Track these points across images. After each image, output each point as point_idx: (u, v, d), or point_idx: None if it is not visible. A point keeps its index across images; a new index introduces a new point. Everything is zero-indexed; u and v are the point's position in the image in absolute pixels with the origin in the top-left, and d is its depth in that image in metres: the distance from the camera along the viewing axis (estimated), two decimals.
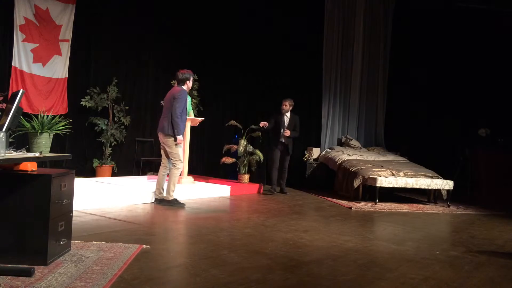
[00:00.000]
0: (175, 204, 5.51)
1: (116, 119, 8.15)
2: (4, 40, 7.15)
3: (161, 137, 5.54)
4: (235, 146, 7.88)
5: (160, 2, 8.43)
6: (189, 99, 7.16)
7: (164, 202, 5.55)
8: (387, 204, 6.65)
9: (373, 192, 6.66)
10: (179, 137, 5.41)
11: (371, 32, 9.36)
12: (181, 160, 5.53)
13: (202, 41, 8.64)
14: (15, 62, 7.16)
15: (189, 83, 5.63)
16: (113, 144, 8.05)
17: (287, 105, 7.30)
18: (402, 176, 6.73)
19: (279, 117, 7.33)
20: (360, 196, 6.99)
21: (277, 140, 7.33)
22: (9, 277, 2.52)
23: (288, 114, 7.37)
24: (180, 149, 5.52)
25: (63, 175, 2.96)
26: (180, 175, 6.68)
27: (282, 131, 7.23)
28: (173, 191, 5.54)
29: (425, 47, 9.20)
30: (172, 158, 5.47)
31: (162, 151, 5.67)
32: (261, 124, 7.14)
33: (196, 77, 8.20)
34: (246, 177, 7.72)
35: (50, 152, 4.20)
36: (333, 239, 4.10)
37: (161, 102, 8.01)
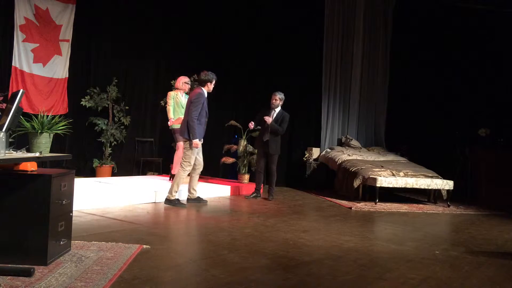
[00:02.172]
0: (176, 204, 5.54)
1: (116, 119, 8.16)
2: (4, 40, 7.16)
3: (182, 140, 5.71)
4: (235, 146, 7.88)
5: (160, 2, 8.43)
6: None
7: (165, 201, 5.58)
8: (387, 204, 6.65)
9: (373, 192, 6.66)
10: (194, 141, 5.41)
11: (371, 32, 9.36)
12: (190, 163, 5.55)
13: (202, 41, 8.64)
14: (15, 62, 7.17)
15: (211, 85, 5.61)
16: (113, 144, 8.06)
17: (277, 100, 6.54)
18: (402, 176, 6.73)
19: (266, 112, 6.61)
20: (360, 196, 6.98)
21: (260, 139, 6.68)
22: (9, 277, 2.52)
23: (278, 109, 6.59)
24: (194, 154, 5.55)
25: (63, 175, 2.96)
26: None
27: (266, 127, 6.49)
28: (176, 191, 5.57)
29: (425, 47, 9.20)
30: (183, 159, 5.55)
31: None
32: (249, 125, 6.50)
33: (196, 77, 8.20)
34: (246, 177, 7.72)
35: (50, 152, 4.21)
36: (333, 239, 4.10)
37: (161, 102, 8.06)
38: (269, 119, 6.46)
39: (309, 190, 8.03)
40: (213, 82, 5.62)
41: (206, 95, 5.57)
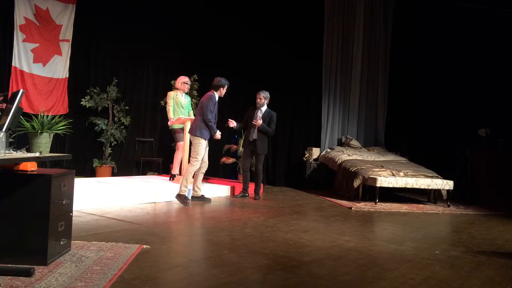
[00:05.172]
0: (183, 201, 5.65)
1: (116, 119, 8.16)
2: (4, 40, 7.16)
3: (191, 137, 5.88)
4: (235, 146, 7.88)
5: (160, 3, 8.43)
6: (188, 99, 7.18)
7: (176, 196, 5.71)
8: (387, 204, 6.65)
9: (373, 192, 6.66)
10: (216, 134, 5.83)
11: (371, 32, 9.36)
12: (198, 160, 5.71)
13: (202, 41, 8.64)
14: (15, 62, 7.17)
15: (223, 90, 5.92)
16: (113, 144, 8.06)
17: (262, 98, 6.55)
18: (402, 176, 6.73)
19: (253, 111, 6.61)
20: (360, 196, 6.98)
21: (247, 138, 6.67)
22: (9, 277, 2.52)
23: (263, 108, 6.59)
24: (202, 150, 5.74)
25: (63, 175, 2.96)
26: (181, 175, 6.71)
27: (252, 126, 6.52)
28: (186, 186, 5.68)
29: (425, 47, 9.19)
30: (192, 154, 5.76)
31: None
32: (229, 123, 6.42)
33: (196, 77, 8.21)
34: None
35: (50, 152, 4.22)
36: (333, 239, 4.10)
37: (161, 102, 8.06)
38: (258, 122, 6.45)
39: (309, 190, 8.03)
40: (225, 87, 5.94)
41: (217, 99, 5.87)
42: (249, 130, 6.63)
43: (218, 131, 5.86)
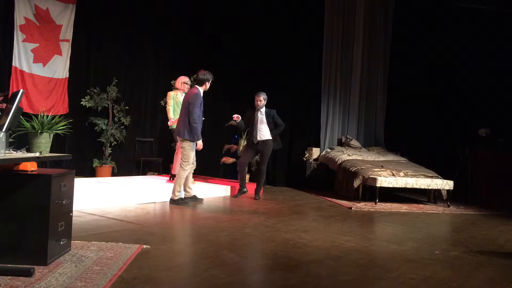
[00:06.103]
0: (179, 203, 5.62)
1: (116, 119, 8.16)
2: (4, 40, 7.15)
3: (178, 139, 5.74)
4: (235, 146, 7.88)
5: (160, 2, 8.43)
6: None
7: (170, 202, 5.67)
8: (387, 204, 6.65)
9: (373, 192, 6.66)
10: (199, 142, 5.56)
11: (371, 32, 9.35)
12: (188, 163, 5.61)
13: (202, 41, 8.64)
14: (15, 62, 7.17)
15: (208, 84, 5.73)
16: (113, 144, 8.06)
17: (262, 100, 6.55)
18: (402, 176, 6.73)
19: (252, 113, 6.63)
20: (360, 196, 6.98)
21: (250, 140, 6.70)
22: (9, 277, 2.52)
23: (263, 110, 6.61)
24: (192, 153, 5.64)
25: (63, 175, 2.96)
26: None
27: (254, 129, 6.57)
28: (178, 191, 5.65)
29: (425, 47, 9.19)
30: (182, 159, 5.60)
31: None
32: (234, 117, 6.52)
33: (196, 77, 8.20)
34: (246, 177, 7.70)
35: (50, 152, 4.22)
36: (333, 239, 4.10)
37: (161, 101, 8.07)
38: (278, 146, 6.76)
39: (309, 190, 8.03)
40: (210, 81, 5.73)
41: (202, 95, 5.67)
42: (251, 132, 6.64)
43: (201, 138, 5.57)
